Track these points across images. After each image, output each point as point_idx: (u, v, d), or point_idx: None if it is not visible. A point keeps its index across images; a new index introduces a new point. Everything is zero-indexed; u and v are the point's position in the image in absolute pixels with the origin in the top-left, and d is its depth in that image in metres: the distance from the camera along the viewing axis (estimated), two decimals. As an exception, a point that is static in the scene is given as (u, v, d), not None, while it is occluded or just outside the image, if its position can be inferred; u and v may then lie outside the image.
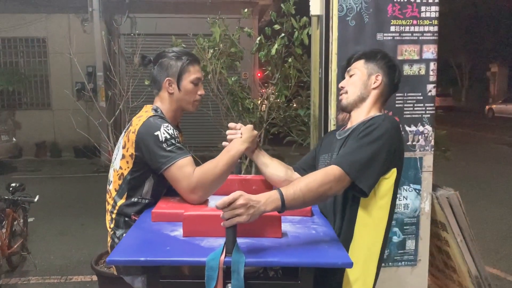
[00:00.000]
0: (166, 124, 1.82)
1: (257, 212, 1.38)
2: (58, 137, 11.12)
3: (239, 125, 1.97)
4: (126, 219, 1.87)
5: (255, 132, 1.96)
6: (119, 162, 1.88)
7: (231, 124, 1.98)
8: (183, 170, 1.76)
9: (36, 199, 4.12)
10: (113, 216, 1.89)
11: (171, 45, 4.05)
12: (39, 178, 8.63)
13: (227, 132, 1.96)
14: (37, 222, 5.50)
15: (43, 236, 5.18)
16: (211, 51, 3.89)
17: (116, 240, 1.87)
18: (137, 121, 1.86)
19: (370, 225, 1.68)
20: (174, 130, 1.83)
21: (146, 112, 1.90)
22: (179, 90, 1.95)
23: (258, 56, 4.06)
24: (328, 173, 1.56)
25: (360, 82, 1.82)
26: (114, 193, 1.89)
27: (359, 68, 1.83)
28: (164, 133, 1.78)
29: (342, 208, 1.73)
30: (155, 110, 1.93)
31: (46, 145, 11.09)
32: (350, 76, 1.86)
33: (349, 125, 1.86)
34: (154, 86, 2.00)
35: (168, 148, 1.77)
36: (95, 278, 3.79)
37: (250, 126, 1.96)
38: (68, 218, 5.88)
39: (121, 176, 1.87)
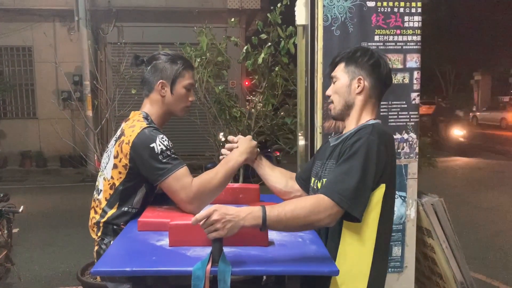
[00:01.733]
0: (161, 136, 1.81)
1: (236, 225, 1.36)
2: (44, 146, 11.01)
3: (237, 138, 1.96)
4: (115, 227, 1.85)
5: (254, 142, 1.95)
6: (111, 172, 1.85)
7: (230, 137, 1.98)
8: (181, 181, 1.75)
9: (21, 210, 4.05)
10: (101, 224, 1.87)
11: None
12: (24, 188, 8.52)
13: (226, 145, 1.96)
14: (22, 233, 5.38)
15: (28, 247, 5.11)
16: (198, 60, 3.91)
17: (103, 246, 1.85)
18: (130, 131, 1.82)
19: (355, 243, 1.59)
20: (169, 141, 1.82)
21: (138, 122, 1.86)
22: (171, 94, 1.94)
23: (245, 65, 4.09)
24: (319, 203, 1.48)
25: (343, 90, 1.72)
26: (104, 203, 1.86)
27: (340, 73, 1.73)
28: (160, 145, 1.77)
29: (324, 229, 1.66)
30: (146, 119, 1.90)
31: (31, 155, 10.96)
32: (334, 83, 1.77)
33: (344, 133, 1.78)
34: (145, 88, 1.98)
35: (164, 160, 1.76)
36: (81, 289, 3.74)
37: (249, 137, 1.95)
38: (53, 229, 5.81)
39: (112, 186, 1.85)
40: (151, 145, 1.76)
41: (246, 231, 1.42)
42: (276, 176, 2.00)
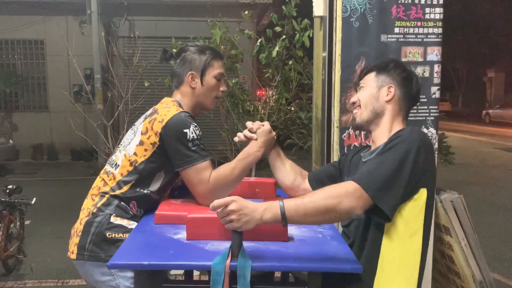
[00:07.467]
0: (195, 124, 1.80)
1: (252, 220, 1.31)
2: (55, 139, 11.05)
3: (255, 127, 1.88)
4: (122, 203, 1.80)
5: (272, 134, 1.90)
6: (134, 148, 1.81)
7: (248, 123, 1.92)
8: (201, 174, 1.74)
9: (33, 202, 4.08)
10: (107, 195, 1.81)
11: (171, 48, 4.03)
12: (36, 181, 8.57)
13: (244, 132, 1.89)
14: (34, 225, 5.45)
15: (40, 239, 5.13)
16: (212, 53, 3.86)
17: (98, 218, 1.78)
18: (166, 111, 1.80)
19: (399, 258, 1.47)
20: (200, 131, 1.81)
21: (174, 106, 1.85)
22: (202, 85, 1.92)
23: (258, 59, 4.04)
24: (341, 187, 1.40)
25: (371, 96, 1.67)
26: (119, 178, 1.81)
27: (369, 81, 1.70)
28: (192, 133, 1.76)
29: (362, 234, 1.55)
30: (180, 106, 1.89)
31: (43, 148, 11.01)
32: (360, 90, 1.73)
33: (372, 147, 1.69)
34: (174, 81, 1.98)
35: (193, 148, 1.75)
36: (92, 282, 3.74)
37: (266, 129, 1.88)
38: (65, 221, 5.79)
39: (133, 163, 1.80)
40: (185, 130, 1.75)
41: (266, 226, 1.38)
42: (285, 171, 1.94)
